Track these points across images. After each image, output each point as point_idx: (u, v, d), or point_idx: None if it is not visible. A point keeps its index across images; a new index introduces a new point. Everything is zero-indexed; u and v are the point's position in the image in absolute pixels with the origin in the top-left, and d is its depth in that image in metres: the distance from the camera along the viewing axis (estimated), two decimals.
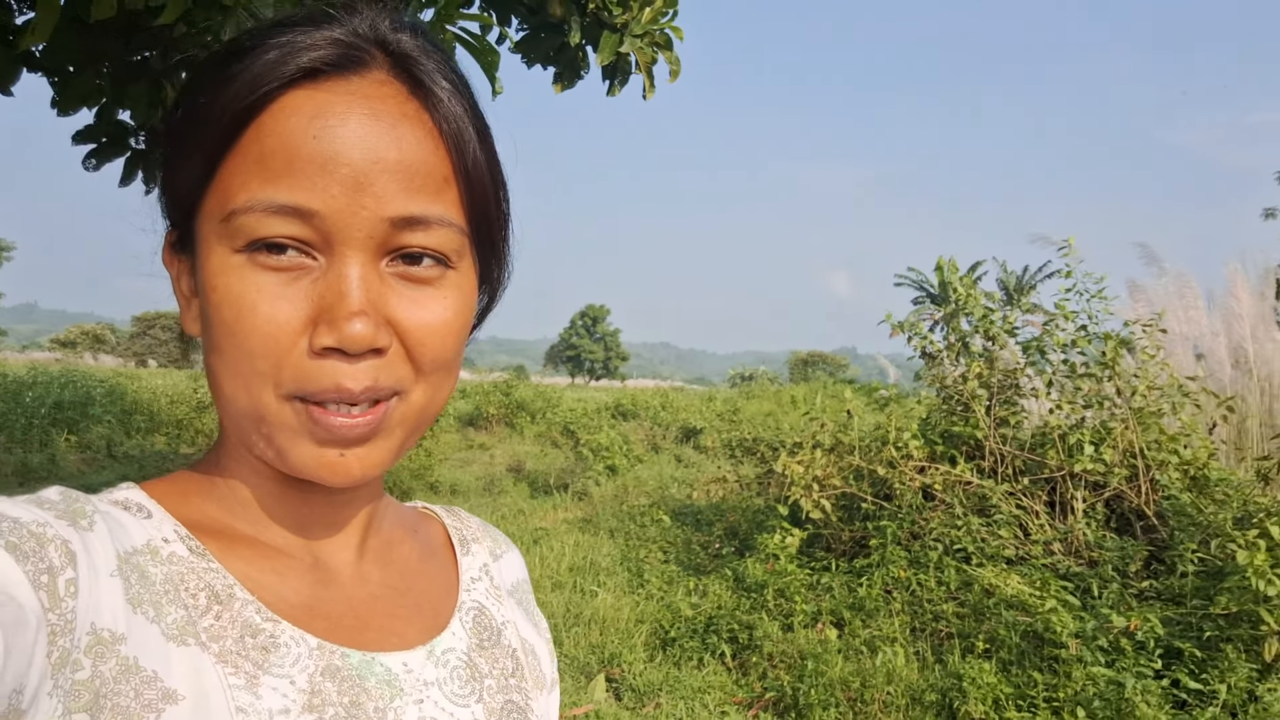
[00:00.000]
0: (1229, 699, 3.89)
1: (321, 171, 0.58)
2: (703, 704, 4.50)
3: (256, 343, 0.59)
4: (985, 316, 6.48)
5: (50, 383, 14.96)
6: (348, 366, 0.59)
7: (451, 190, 0.63)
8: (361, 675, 0.64)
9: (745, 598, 5.52)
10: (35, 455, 11.41)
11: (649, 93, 4.23)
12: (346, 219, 0.59)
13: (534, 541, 7.60)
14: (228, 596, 0.61)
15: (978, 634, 4.62)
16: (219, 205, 0.60)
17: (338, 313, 0.58)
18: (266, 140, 0.59)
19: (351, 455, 0.62)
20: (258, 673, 0.59)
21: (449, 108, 0.63)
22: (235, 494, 0.68)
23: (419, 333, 0.62)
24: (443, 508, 0.88)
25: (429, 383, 0.64)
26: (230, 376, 0.61)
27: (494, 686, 0.74)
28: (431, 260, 0.63)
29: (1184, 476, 5.32)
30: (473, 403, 18.36)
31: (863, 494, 6.05)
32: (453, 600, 0.77)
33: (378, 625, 0.69)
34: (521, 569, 0.90)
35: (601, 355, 75.07)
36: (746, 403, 18.95)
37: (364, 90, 0.61)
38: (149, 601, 0.57)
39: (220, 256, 0.60)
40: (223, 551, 0.64)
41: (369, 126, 0.59)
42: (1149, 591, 4.77)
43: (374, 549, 0.74)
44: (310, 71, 0.60)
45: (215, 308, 0.60)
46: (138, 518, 0.62)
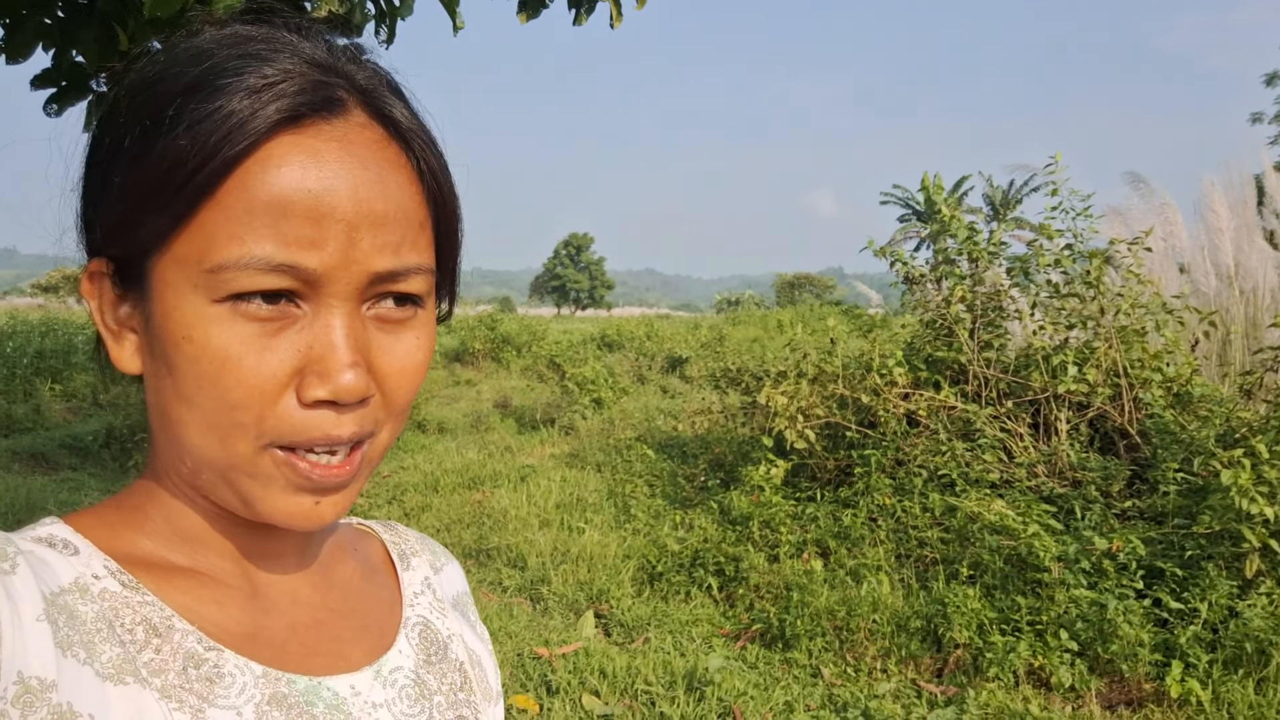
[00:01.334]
0: (1210, 616, 3.93)
1: (316, 226, 0.57)
2: (690, 637, 4.53)
3: (240, 395, 0.57)
4: (969, 238, 6.40)
5: (31, 332, 14.79)
6: (335, 417, 0.59)
7: (426, 233, 0.64)
8: (309, 701, 0.63)
9: (731, 530, 5.54)
10: (20, 406, 11.32)
11: (616, 21, 4.08)
12: (338, 272, 0.58)
13: (521, 479, 7.61)
14: (166, 628, 0.59)
15: (962, 560, 4.65)
16: (198, 253, 0.57)
17: (330, 365, 0.58)
18: (256, 189, 0.56)
19: (326, 502, 0.61)
20: (203, 705, 0.58)
21: (422, 147, 0.64)
22: (170, 525, 0.66)
23: (396, 378, 0.63)
24: (379, 523, 0.87)
25: (395, 422, 0.65)
26: (203, 429, 0.59)
27: (443, 703, 0.73)
28: (407, 303, 0.63)
29: (1167, 394, 5.32)
30: (459, 338, 18.29)
31: (847, 422, 6.04)
32: (397, 617, 0.76)
33: (323, 649, 0.68)
34: (462, 580, 0.89)
35: (587, 284, 74.87)
36: (732, 329, 18.95)
37: (349, 136, 0.60)
38: (79, 643, 0.55)
39: (195, 306, 0.57)
40: (158, 584, 0.62)
41: (359, 177, 0.59)
42: (1132, 511, 4.79)
43: (314, 573, 0.73)
44: (291, 116, 0.58)
45: (191, 360, 0.58)
46: (64, 554, 0.59)
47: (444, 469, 8.15)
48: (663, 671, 4.03)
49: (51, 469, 8.54)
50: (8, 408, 11.01)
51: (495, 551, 5.89)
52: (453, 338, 18.74)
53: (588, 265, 75.91)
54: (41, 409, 11.40)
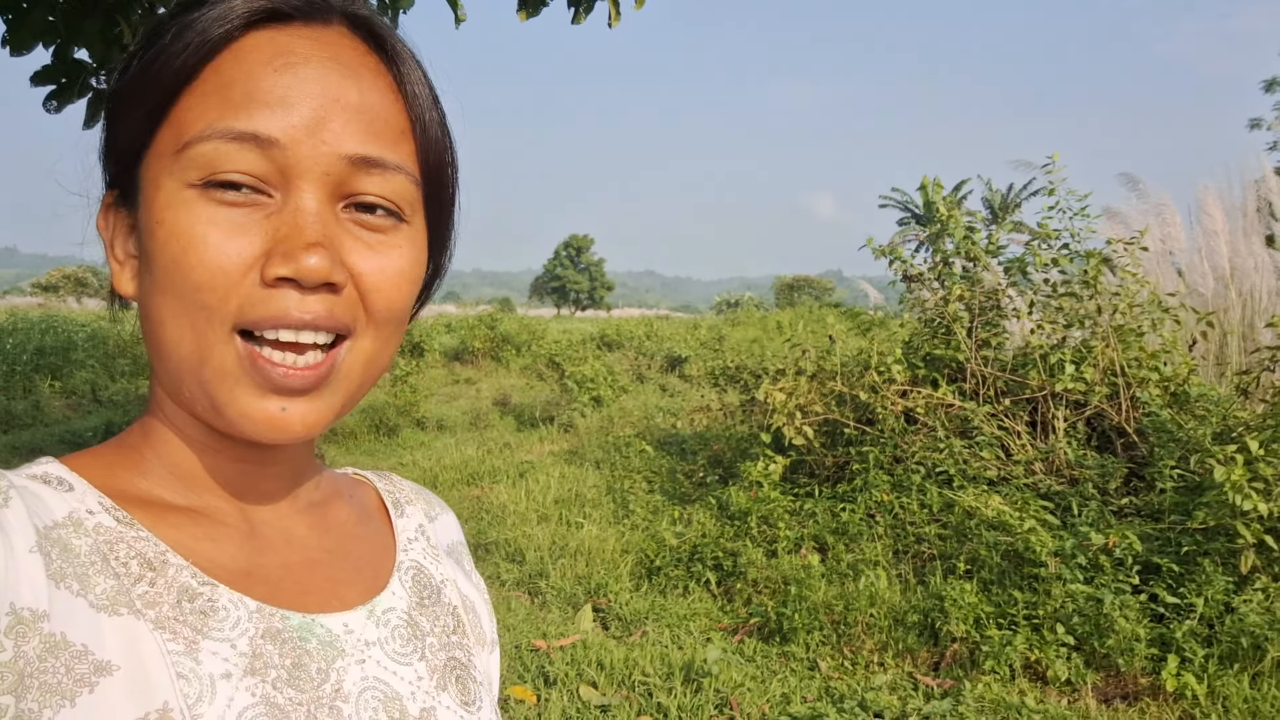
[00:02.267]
0: (1206, 611, 3.95)
1: (282, 102, 0.58)
2: (688, 631, 4.55)
3: (204, 275, 0.57)
4: (967, 237, 6.42)
5: (31, 329, 14.79)
6: (299, 298, 0.58)
7: (408, 143, 0.64)
8: (302, 637, 0.63)
9: (729, 525, 5.56)
10: (19, 402, 11.33)
11: (614, 20, 4.10)
12: (305, 151, 0.58)
13: (520, 475, 7.62)
14: (160, 563, 0.60)
15: (959, 555, 4.66)
16: (173, 139, 0.59)
17: (294, 243, 0.58)
18: (226, 73, 0.59)
19: (294, 409, 0.60)
20: (197, 637, 0.58)
21: (406, 66, 0.65)
22: (165, 464, 0.66)
23: (374, 277, 0.62)
24: (374, 473, 0.87)
25: (380, 333, 0.64)
26: (174, 314, 0.59)
27: (436, 644, 0.73)
28: (385, 212, 0.63)
29: (1164, 393, 5.34)
30: (458, 337, 18.32)
31: (845, 419, 6.05)
32: (390, 561, 0.76)
33: (317, 588, 0.68)
34: (457, 530, 0.89)
35: (586, 285, 74.86)
36: (732, 329, 18.96)
37: (326, 37, 0.62)
38: (73, 575, 0.55)
39: (170, 192, 0.59)
40: (153, 521, 0.62)
41: (330, 67, 0.60)
42: (1128, 508, 4.81)
43: (309, 514, 0.73)
44: (274, 13, 0.60)
45: (162, 244, 0.58)
46: (58, 491, 0.60)
47: (443, 465, 8.17)
48: (660, 663, 4.05)
49: None
50: (7, 404, 11.01)
51: (494, 546, 5.91)
52: (453, 336, 18.76)
53: (587, 266, 75.88)
54: (41, 405, 11.41)
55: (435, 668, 0.72)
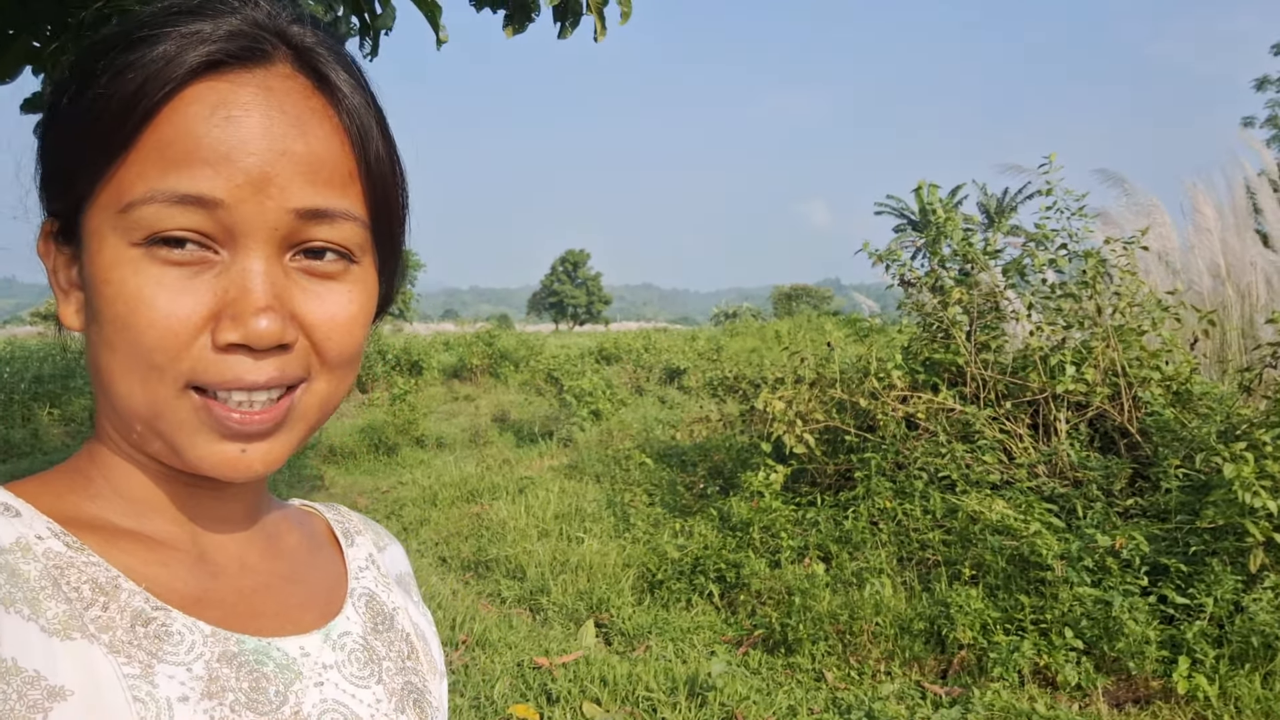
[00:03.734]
0: (1216, 611, 3.90)
1: (225, 160, 0.56)
2: (692, 644, 4.50)
3: (153, 337, 0.57)
4: (964, 239, 6.39)
5: (29, 357, 14.78)
6: (251, 363, 0.58)
7: (355, 186, 0.62)
8: (259, 660, 0.63)
9: (731, 536, 5.50)
10: (17, 430, 11.28)
11: (600, 35, 4.09)
12: (251, 210, 0.57)
13: (520, 490, 7.57)
14: (113, 588, 0.59)
15: (964, 560, 4.61)
16: (114, 197, 0.57)
17: (243, 308, 0.57)
18: (166, 130, 0.57)
19: (253, 450, 0.61)
20: (152, 661, 0.57)
21: (352, 103, 0.62)
22: (114, 488, 0.65)
23: (325, 327, 0.61)
24: (323, 504, 0.87)
25: (333, 375, 0.64)
26: (124, 372, 0.59)
27: (392, 669, 0.73)
28: (335, 255, 0.62)
29: (1166, 392, 5.30)
30: (457, 355, 18.29)
31: (846, 426, 6.01)
32: (343, 587, 0.77)
33: (271, 612, 0.68)
34: (405, 562, 0.89)
35: (584, 300, 74.93)
36: (730, 340, 18.92)
37: (268, 83, 0.59)
38: (23, 599, 0.54)
39: (114, 250, 0.57)
40: (103, 545, 0.61)
41: (275, 119, 0.58)
42: (1134, 509, 4.76)
43: (260, 541, 0.73)
44: (212, 63, 0.58)
45: (109, 302, 0.57)
46: (4, 517, 0.59)
47: (442, 483, 8.11)
48: (664, 678, 3.99)
49: None
50: (5, 432, 10.97)
51: (494, 563, 5.85)
52: (451, 354, 18.73)
53: (585, 281, 75.97)
54: (39, 433, 11.37)
55: (394, 691, 0.72)
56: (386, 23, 3.69)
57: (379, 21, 3.68)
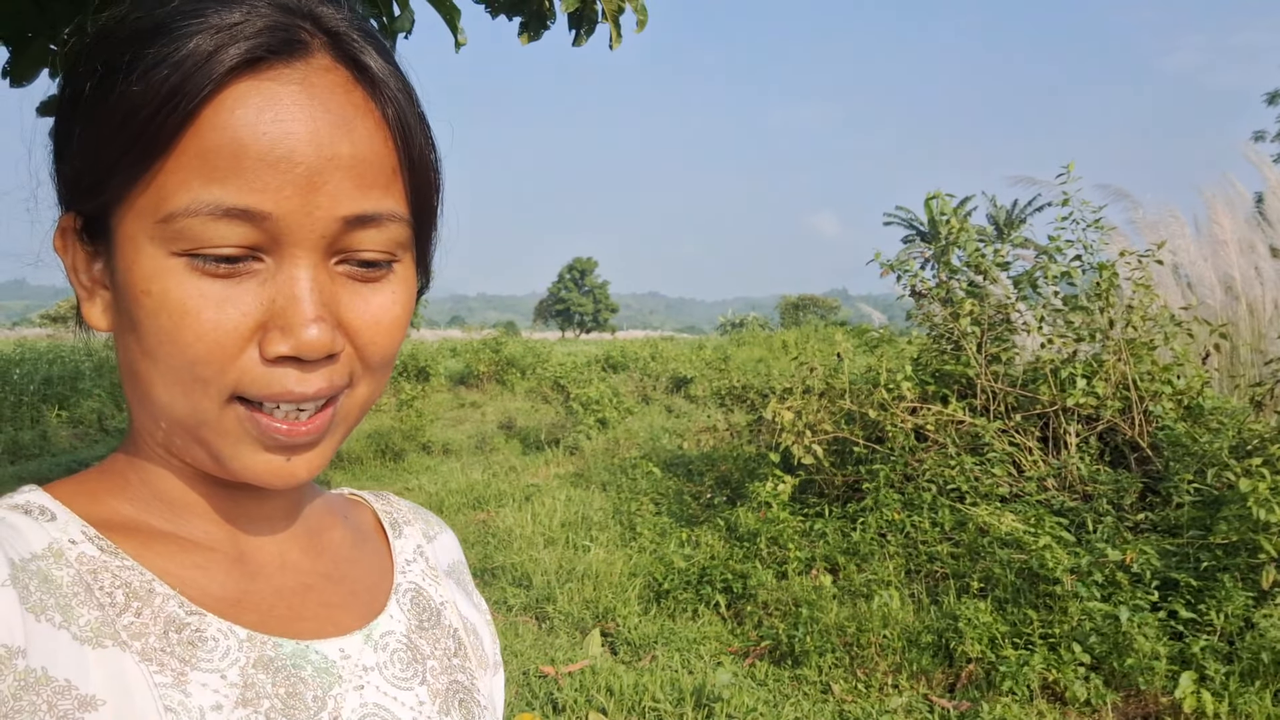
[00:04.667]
0: (1226, 627, 3.87)
1: (272, 170, 0.54)
2: (698, 655, 4.47)
3: (201, 350, 0.55)
4: (976, 250, 6.37)
5: (38, 359, 14.83)
6: (299, 374, 0.57)
7: (398, 182, 0.61)
8: (297, 665, 0.62)
9: (738, 547, 5.48)
10: (26, 432, 11.32)
11: (615, 42, 4.08)
12: (299, 219, 0.56)
13: (526, 498, 7.56)
14: (146, 593, 0.58)
15: (973, 573, 4.58)
16: (153, 204, 0.55)
17: (293, 319, 0.56)
18: (209, 135, 0.54)
19: (299, 460, 0.60)
20: (185, 669, 0.56)
21: (394, 95, 0.61)
22: (151, 490, 0.64)
23: (370, 332, 0.60)
24: (371, 493, 0.85)
25: (374, 377, 0.63)
26: (167, 385, 0.57)
27: (437, 667, 0.72)
28: (380, 258, 0.61)
29: (1178, 407, 5.27)
30: (463, 361, 18.31)
31: (854, 437, 5.99)
32: (388, 583, 0.75)
33: (311, 614, 0.67)
34: (457, 550, 0.87)
35: (590, 308, 75.00)
36: (737, 350, 18.90)
37: (310, 79, 0.57)
38: (54, 606, 0.54)
39: (154, 259, 0.55)
40: (138, 549, 0.61)
41: (321, 120, 0.56)
42: (1144, 524, 4.73)
43: (302, 538, 0.71)
44: (251, 59, 0.55)
45: (150, 314, 0.56)
46: (39, 520, 0.58)
47: (449, 489, 8.11)
48: (670, 689, 3.97)
49: None
50: (14, 434, 11.01)
51: (500, 570, 5.84)
52: (458, 361, 18.75)
53: (591, 289, 76.05)
54: (48, 435, 11.41)
55: (437, 692, 0.70)
56: (404, 25, 3.69)
57: (396, 24, 3.68)
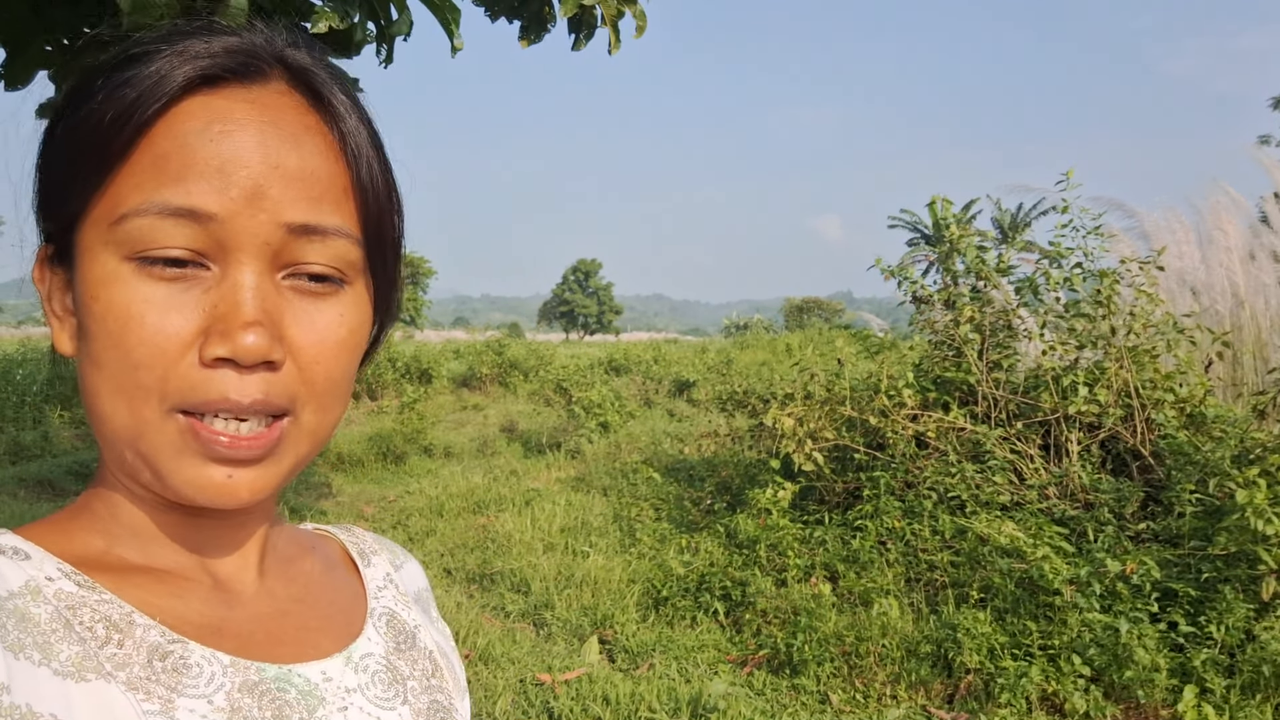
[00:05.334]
0: (1226, 640, 3.84)
1: (219, 174, 0.56)
2: (696, 663, 4.46)
3: (142, 354, 0.56)
4: (978, 256, 6.34)
5: (41, 359, 14.83)
6: (237, 379, 0.57)
7: (350, 203, 0.62)
8: (281, 688, 0.62)
9: (738, 554, 5.46)
10: (28, 433, 11.31)
11: (614, 47, 4.07)
12: (243, 223, 0.57)
13: (526, 503, 7.54)
14: (127, 624, 0.58)
15: (972, 583, 4.56)
16: (108, 210, 0.57)
17: (231, 322, 0.56)
18: (161, 143, 0.57)
19: (240, 476, 0.59)
20: (172, 696, 0.56)
21: (349, 122, 0.62)
22: (121, 522, 0.64)
23: (313, 349, 0.60)
24: (337, 526, 0.85)
25: (319, 404, 0.62)
26: (110, 392, 0.58)
27: (417, 688, 0.72)
28: (327, 275, 0.61)
29: (1180, 415, 5.24)
30: (466, 363, 18.30)
31: (855, 444, 5.96)
32: (362, 608, 0.76)
33: (290, 638, 0.67)
34: (423, 578, 0.87)
35: (595, 310, 74.99)
36: (740, 353, 18.88)
37: (264, 99, 0.60)
38: (33, 644, 0.54)
39: (105, 265, 0.57)
40: (115, 582, 0.61)
41: (269, 133, 0.58)
42: (1145, 533, 4.70)
43: (274, 567, 0.72)
44: (208, 78, 0.58)
45: (98, 319, 0.57)
46: (14, 560, 0.58)
47: (449, 493, 8.10)
48: (667, 698, 3.95)
49: (59, 496, 8.50)
50: (16, 434, 11.00)
51: (499, 576, 5.82)
52: (461, 363, 18.74)
53: (596, 291, 76.05)
54: (50, 436, 11.40)
55: (419, 711, 0.70)
56: (401, 29, 3.68)
57: (394, 28, 3.67)
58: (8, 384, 12.69)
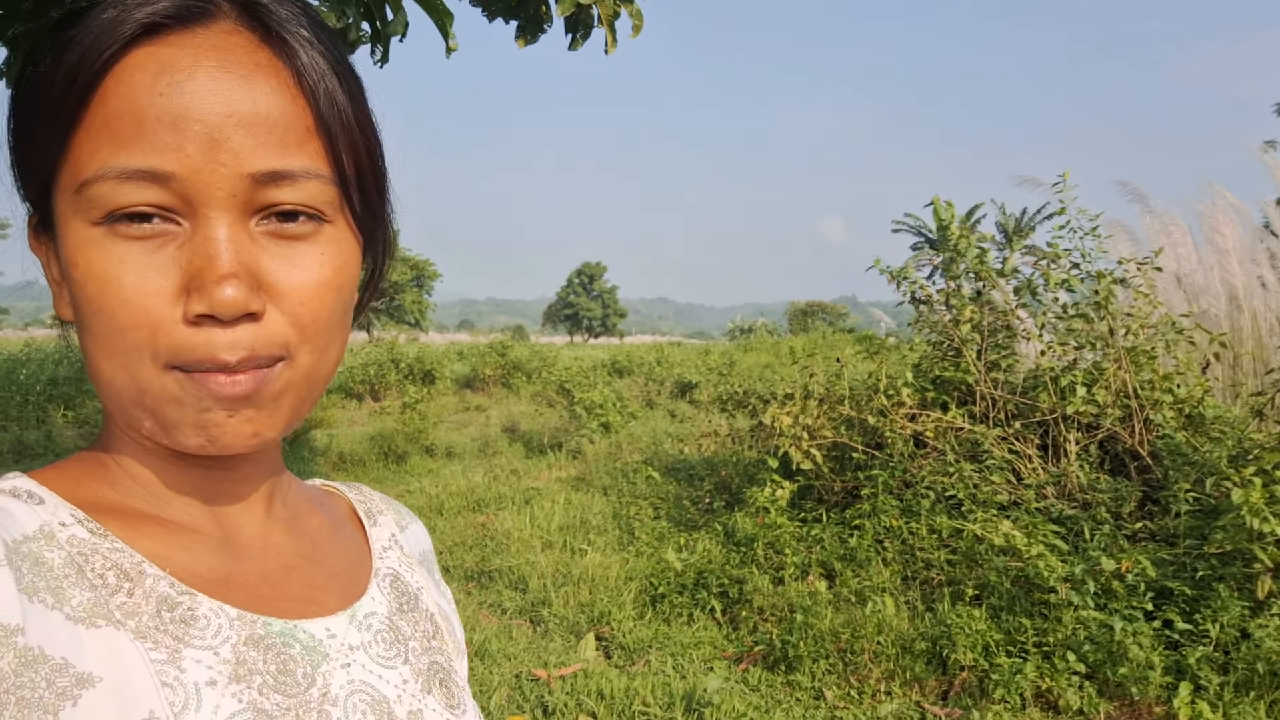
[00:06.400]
0: (1221, 638, 3.85)
1: (172, 130, 0.55)
2: (692, 659, 4.46)
3: (126, 316, 0.56)
4: (979, 259, 6.35)
5: (45, 359, 14.88)
6: (223, 334, 0.56)
7: (315, 142, 0.60)
8: (286, 643, 0.63)
9: (735, 552, 5.47)
10: (31, 432, 11.35)
11: (610, 47, 4.09)
12: (205, 178, 0.56)
13: (525, 501, 7.55)
14: (137, 574, 0.59)
15: (968, 581, 4.57)
16: (71, 177, 0.57)
17: (207, 277, 0.55)
18: (111, 103, 0.56)
19: (240, 416, 0.59)
20: (179, 646, 0.57)
21: (306, 56, 0.60)
22: (131, 474, 0.65)
23: (298, 292, 0.59)
24: (345, 484, 0.86)
25: (314, 345, 0.61)
26: (105, 356, 0.58)
27: (418, 649, 0.73)
28: (304, 216, 0.60)
29: (1178, 415, 5.25)
30: (469, 364, 18.34)
31: (854, 443, 5.97)
32: (367, 568, 0.77)
33: (296, 594, 0.68)
34: (426, 540, 0.89)
35: (599, 313, 75.01)
36: (744, 355, 18.89)
37: (210, 41, 0.57)
38: (46, 588, 0.54)
39: (78, 231, 0.57)
40: (126, 531, 0.61)
41: (218, 78, 0.56)
42: (1142, 533, 4.71)
43: (282, 522, 0.72)
44: (150, 27, 0.56)
45: (79, 286, 0.57)
46: (29, 504, 0.59)
47: (449, 492, 8.12)
48: (662, 693, 3.96)
49: None
50: (20, 434, 11.04)
51: (497, 573, 5.84)
52: (464, 364, 18.79)
53: (600, 294, 76.09)
54: (53, 435, 11.43)
55: (419, 671, 0.71)
56: (397, 29, 3.71)
57: (389, 28, 3.69)
58: (12, 384, 12.74)
